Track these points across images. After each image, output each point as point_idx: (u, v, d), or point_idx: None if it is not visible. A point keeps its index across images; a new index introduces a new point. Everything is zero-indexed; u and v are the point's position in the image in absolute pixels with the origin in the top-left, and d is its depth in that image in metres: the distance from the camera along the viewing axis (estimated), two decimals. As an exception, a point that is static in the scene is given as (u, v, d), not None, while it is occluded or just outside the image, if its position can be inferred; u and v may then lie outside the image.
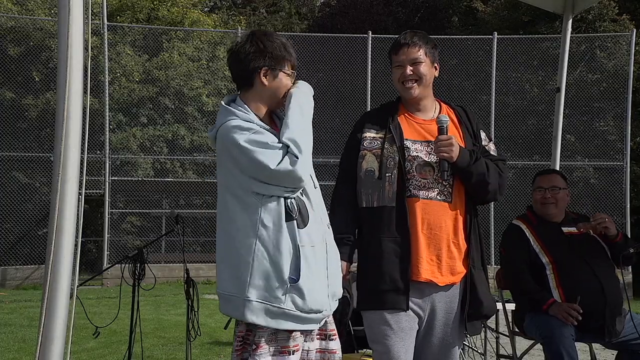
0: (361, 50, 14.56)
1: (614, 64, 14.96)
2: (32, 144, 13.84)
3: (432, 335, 2.99)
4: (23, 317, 8.80)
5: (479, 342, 5.61)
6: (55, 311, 2.24)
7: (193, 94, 14.99)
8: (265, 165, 2.40)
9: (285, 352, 2.44)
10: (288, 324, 2.43)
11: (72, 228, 2.28)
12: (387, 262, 2.88)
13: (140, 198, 15.25)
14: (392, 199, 2.91)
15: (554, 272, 3.94)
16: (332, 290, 2.57)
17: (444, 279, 2.94)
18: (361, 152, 2.99)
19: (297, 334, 2.48)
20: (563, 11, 5.02)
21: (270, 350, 2.44)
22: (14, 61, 13.79)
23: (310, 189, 2.56)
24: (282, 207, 2.45)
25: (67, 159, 2.28)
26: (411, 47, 3.01)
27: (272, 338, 2.45)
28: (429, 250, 2.92)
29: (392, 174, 2.92)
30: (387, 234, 2.90)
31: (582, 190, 14.42)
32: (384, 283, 2.88)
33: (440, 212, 2.94)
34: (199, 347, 6.58)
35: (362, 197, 2.97)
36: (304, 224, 2.48)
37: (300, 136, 2.47)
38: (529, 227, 4.14)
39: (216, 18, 21.34)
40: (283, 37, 2.67)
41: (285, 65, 2.61)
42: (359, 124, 3.09)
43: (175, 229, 4.88)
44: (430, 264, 2.92)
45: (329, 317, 2.65)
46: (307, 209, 2.51)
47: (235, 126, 2.48)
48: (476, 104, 14.31)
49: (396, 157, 2.92)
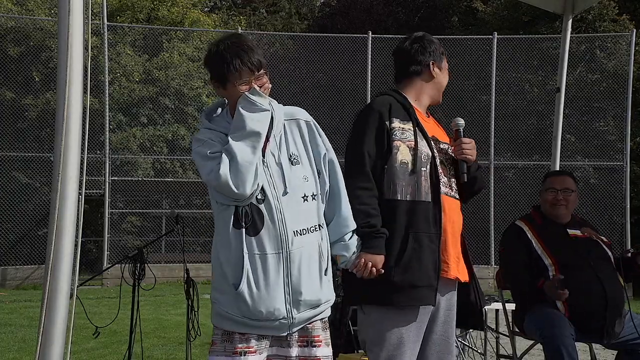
0: (361, 50, 14.55)
1: (614, 64, 14.95)
2: (32, 144, 13.84)
3: (433, 333, 2.98)
4: (23, 317, 8.80)
5: (479, 342, 5.61)
6: (55, 311, 2.24)
7: (193, 94, 14.99)
8: (201, 175, 2.52)
9: (237, 353, 2.48)
10: (237, 327, 2.50)
11: (72, 228, 2.28)
12: (424, 259, 2.83)
13: (140, 198, 15.24)
14: (427, 194, 2.86)
15: (557, 274, 3.94)
16: (294, 299, 2.50)
17: (463, 276, 2.99)
18: (395, 143, 2.85)
19: (252, 337, 2.50)
20: (563, 11, 5.02)
21: (225, 349, 2.50)
22: (14, 61, 13.79)
23: (274, 195, 2.51)
24: (230, 214, 2.48)
25: (67, 159, 2.28)
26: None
27: (226, 338, 2.52)
28: (454, 248, 2.95)
29: (427, 168, 2.88)
30: (423, 229, 2.84)
31: (582, 190, 14.33)
32: (420, 279, 2.81)
33: (456, 210, 2.98)
34: (199, 347, 6.57)
35: (397, 190, 2.84)
36: (254, 233, 2.47)
37: (234, 145, 2.46)
38: (531, 228, 4.13)
39: (216, 18, 21.35)
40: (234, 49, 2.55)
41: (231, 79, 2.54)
42: (381, 110, 2.92)
43: (175, 229, 4.88)
44: (456, 261, 2.95)
45: (315, 323, 2.59)
46: (263, 217, 2.48)
47: (195, 139, 2.60)
48: (476, 104, 14.31)
49: (429, 152, 2.89)
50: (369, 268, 2.74)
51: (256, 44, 2.62)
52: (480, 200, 13.30)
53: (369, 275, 2.75)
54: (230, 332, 2.51)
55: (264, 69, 2.58)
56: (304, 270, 2.53)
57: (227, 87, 2.56)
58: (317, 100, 14.49)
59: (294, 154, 2.59)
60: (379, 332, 2.87)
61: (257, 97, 2.52)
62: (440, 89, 3.12)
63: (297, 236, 2.51)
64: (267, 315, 2.47)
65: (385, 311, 2.85)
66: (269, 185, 2.50)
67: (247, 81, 2.54)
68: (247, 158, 2.44)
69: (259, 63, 2.54)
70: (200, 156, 2.51)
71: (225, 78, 2.54)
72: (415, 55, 3.07)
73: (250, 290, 2.45)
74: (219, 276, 2.52)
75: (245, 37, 2.66)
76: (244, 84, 2.54)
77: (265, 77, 2.59)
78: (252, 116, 2.49)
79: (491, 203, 13.97)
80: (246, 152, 2.44)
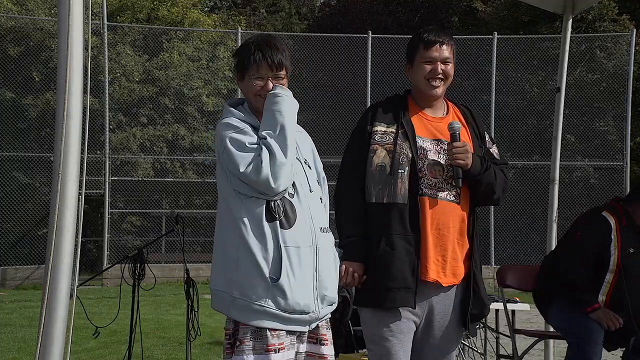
0: (361, 50, 14.54)
1: (614, 64, 14.95)
2: (32, 144, 13.84)
3: (430, 337, 2.98)
4: (23, 317, 8.80)
5: (479, 342, 5.61)
6: (55, 311, 2.24)
7: (193, 94, 14.98)
8: (237, 166, 2.46)
9: (271, 350, 2.45)
10: (270, 322, 2.45)
11: (72, 228, 2.28)
12: (398, 260, 2.84)
13: (140, 198, 15.23)
14: (404, 196, 2.87)
15: (614, 280, 3.86)
16: (321, 294, 2.56)
17: (447, 279, 2.93)
18: (372, 147, 2.92)
19: (282, 333, 2.48)
20: (563, 11, 5.02)
21: (254, 347, 2.45)
22: (14, 61, 13.78)
23: (303, 191, 2.58)
24: (262, 207, 2.47)
25: (67, 159, 2.28)
26: (445, 45, 2.98)
27: (257, 335, 2.46)
28: (436, 251, 2.91)
29: (405, 170, 2.88)
30: (398, 231, 2.86)
31: (582, 190, 14.42)
32: (395, 281, 2.84)
33: (449, 213, 2.92)
34: (199, 347, 6.57)
35: (372, 193, 2.90)
36: (288, 226, 2.49)
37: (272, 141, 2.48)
38: (618, 226, 3.95)
39: (216, 18, 21.31)
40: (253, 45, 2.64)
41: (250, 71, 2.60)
42: (368, 117, 3.01)
43: (175, 229, 4.89)
44: (437, 264, 2.91)
45: (322, 322, 2.64)
46: (295, 211, 2.52)
47: (225, 123, 2.55)
48: (476, 104, 14.28)
49: (409, 154, 2.88)
50: (351, 274, 2.86)
51: (287, 48, 2.68)
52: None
53: (352, 281, 2.87)
54: (260, 329, 2.46)
55: (286, 73, 2.64)
56: (329, 267, 2.62)
57: (244, 78, 2.61)
58: (317, 100, 14.48)
59: (307, 159, 2.70)
60: (370, 332, 2.97)
61: (285, 91, 2.58)
62: (417, 87, 3.05)
63: (322, 232, 2.61)
64: (302, 308, 2.49)
65: (371, 312, 2.95)
66: (299, 181, 2.58)
67: (264, 77, 2.59)
68: (286, 155, 2.48)
69: (280, 63, 2.59)
70: (237, 144, 2.48)
71: (245, 68, 2.60)
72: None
73: (289, 282, 2.46)
74: (250, 269, 2.45)
75: (277, 38, 2.72)
76: (260, 79, 2.59)
77: (284, 81, 2.63)
78: (286, 111, 2.53)
79: (491, 203, 13.95)
80: (285, 149, 2.48)
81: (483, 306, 3.01)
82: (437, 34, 3.01)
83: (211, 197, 14.80)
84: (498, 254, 13.94)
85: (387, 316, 2.89)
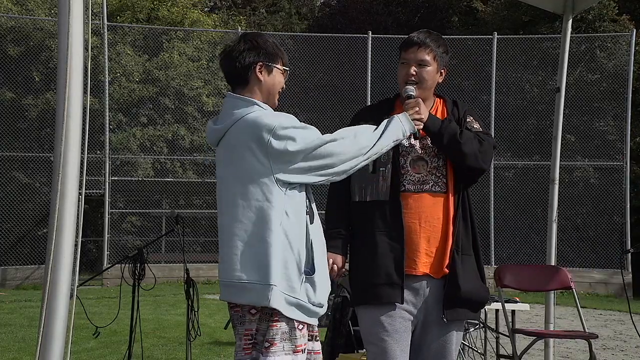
0: (361, 50, 14.55)
1: (614, 64, 14.95)
2: (32, 144, 13.84)
3: (428, 333, 2.98)
4: (23, 317, 8.80)
5: (479, 342, 5.61)
6: (55, 311, 2.24)
7: (193, 94, 14.98)
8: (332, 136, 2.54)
9: (299, 351, 2.49)
10: (300, 315, 2.48)
11: (72, 228, 2.28)
12: (381, 256, 2.89)
13: (140, 198, 15.22)
14: (385, 193, 2.92)
15: None
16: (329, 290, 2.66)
17: (439, 271, 2.93)
18: None
19: (305, 331, 2.53)
20: (563, 11, 5.02)
21: (284, 348, 2.46)
22: (14, 61, 13.78)
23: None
24: (303, 197, 2.53)
25: (67, 159, 2.28)
26: (422, 48, 2.96)
27: (286, 337, 2.47)
28: (423, 244, 2.92)
29: (386, 168, 2.94)
30: (380, 228, 2.91)
31: (582, 190, 14.41)
32: (378, 277, 2.88)
33: (435, 205, 2.94)
34: (199, 347, 6.58)
35: (355, 192, 2.99)
36: (312, 220, 2.56)
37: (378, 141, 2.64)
38: None
39: (216, 18, 21.33)
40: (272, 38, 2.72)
41: (279, 62, 2.65)
42: (355, 119, 3.08)
43: (175, 229, 4.89)
44: (427, 257, 2.92)
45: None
46: (313, 208, 2.60)
47: (275, 114, 2.55)
48: (476, 104, 14.29)
49: (390, 152, 2.89)
50: (331, 265, 2.90)
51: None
52: (480, 200, 13.30)
53: (332, 273, 2.92)
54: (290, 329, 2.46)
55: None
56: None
57: (273, 71, 2.63)
58: (316, 100, 14.48)
59: None
60: (365, 331, 3.00)
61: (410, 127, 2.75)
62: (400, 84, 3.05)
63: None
64: (323, 302, 2.56)
65: (366, 312, 2.97)
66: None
67: (284, 72, 2.67)
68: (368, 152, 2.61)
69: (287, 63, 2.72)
70: (321, 140, 2.52)
71: (275, 60, 2.63)
72: None
73: (319, 276, 2.52)
74: (284, 261, 2.44)
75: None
76: (283, 73, 2.66)
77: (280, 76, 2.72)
78: (391, 139, 2.68)
79: (491, 203, 13.96)
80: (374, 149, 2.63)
81: (458, 289, 2.89)
82: (419, 36, 2.99)
83: (211, 197, 14.79)
84: (498, 254, 13.95)
85: (382, 316, 2.90)
